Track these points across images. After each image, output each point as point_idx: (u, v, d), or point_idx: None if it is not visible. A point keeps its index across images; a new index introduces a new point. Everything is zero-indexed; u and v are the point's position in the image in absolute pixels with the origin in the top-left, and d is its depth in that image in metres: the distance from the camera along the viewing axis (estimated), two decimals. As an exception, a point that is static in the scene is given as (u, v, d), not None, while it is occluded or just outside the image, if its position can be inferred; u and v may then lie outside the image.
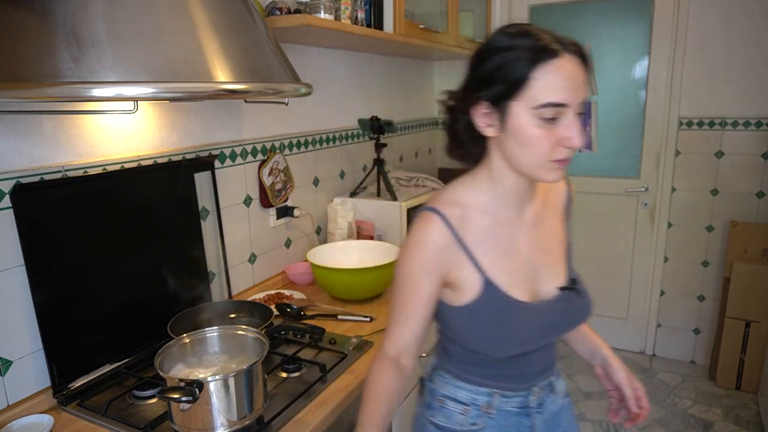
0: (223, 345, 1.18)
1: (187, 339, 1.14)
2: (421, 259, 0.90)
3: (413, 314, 0.93)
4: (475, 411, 1.00)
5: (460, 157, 0.99)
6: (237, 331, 1.17)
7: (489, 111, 0.85)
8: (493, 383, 1.00)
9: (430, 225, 0.90)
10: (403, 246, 0.93)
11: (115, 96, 0.80)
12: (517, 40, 0.81)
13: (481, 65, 0.84)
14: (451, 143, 0.98)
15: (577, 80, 0.81)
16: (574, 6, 2.92)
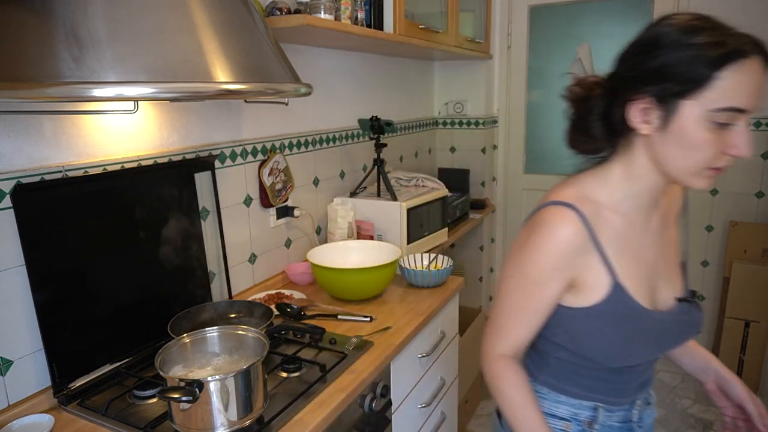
0: (223, 345, 1.18)
1: (187, 339, 1.14)
2: (553, 259, 0.84)
3: (537, 315, 0.88)
4: (577, 427, 0.95)
5: (588, 150, 0.95)
6: (237, 331, 1.18)
7: (650, 107, 0.78)
8: (598, 396, 0.94)
9: (565, 221, 0.83)
10: (528, 241, 0.86)
11: (116, 96, 0.80)
12: (697, 36, 0.73)
13: (650, 58, 0.77)
14: (581, 135, 0.94)
15: (761, 85, 0.75)
16: (574, 6, 2.93)
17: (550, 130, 3.15)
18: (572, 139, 0.96)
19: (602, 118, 0.86)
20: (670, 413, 2.55)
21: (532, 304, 0.88)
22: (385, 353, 1.35)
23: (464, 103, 3.12)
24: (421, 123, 3.04)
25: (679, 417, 2.52)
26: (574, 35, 2.96)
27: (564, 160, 3.46)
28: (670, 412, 2.56)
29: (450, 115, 3.18)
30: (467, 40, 2.63)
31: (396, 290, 1.76)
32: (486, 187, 3.21)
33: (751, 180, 2.70)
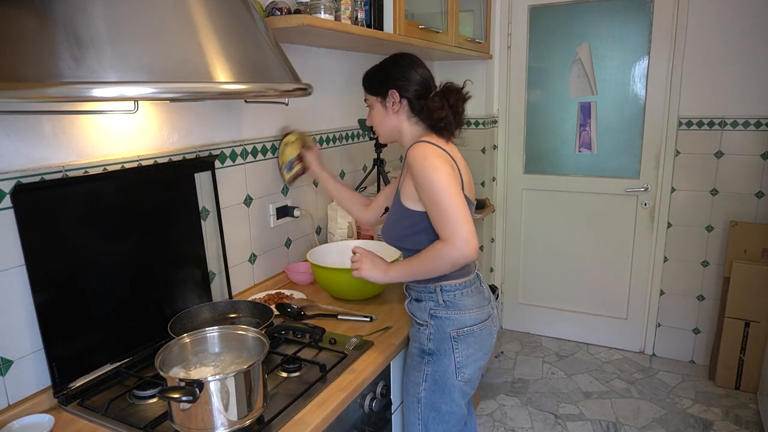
0: (223, 345, 1.18)
1: (187, 339, 1.14)
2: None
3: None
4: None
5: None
6: (237, 331, 1.18)
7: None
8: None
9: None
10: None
11: (116, 96, 0.80)
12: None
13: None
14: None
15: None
16: (574, 6, 2.93)
17: (550, 130, 3.15)
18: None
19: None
20: (670, 413, 2.55)
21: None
22: (385, 353, 1.35)
23: (464, 103, 3.11)
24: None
25: (679, 417, 2.52)
26: (574, 35, 2.96)
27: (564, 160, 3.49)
28: (669, 411, 2.56)
29: (450, 115, 3.17)
30: (467, 40, 2.63)
31: (396, 290, 1.77)
32: (486, 187, 3.21)
33: (751, 180, 2.71)
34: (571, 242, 3.21)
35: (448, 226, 1.21)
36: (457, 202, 1.21)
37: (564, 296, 3.30)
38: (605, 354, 3.15)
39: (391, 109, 1.36)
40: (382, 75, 1.37)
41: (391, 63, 1.38)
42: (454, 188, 1.23)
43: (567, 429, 2.46)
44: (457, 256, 1.22)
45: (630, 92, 2.91)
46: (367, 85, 1.40)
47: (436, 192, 1.22)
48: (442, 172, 1.22)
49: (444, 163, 1.25)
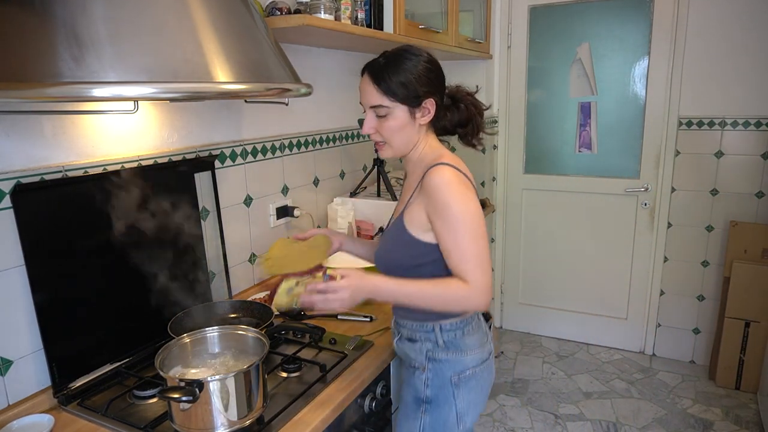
0: (223, 345, 1.18)
1: (187, 339, 1.14)
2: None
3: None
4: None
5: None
6: (237, 331, 1.17)
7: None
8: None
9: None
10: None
11: (115, 96, 0.80)
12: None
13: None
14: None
15: (364, 90, 1.15)
16: (574, 6, 2.93)
17: (550, 130, 3.15)
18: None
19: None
20: (670, 413, 2.55)
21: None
22: (385, 353, 1.35)
23: (464, 103, 3.11)
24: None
25: (679, 417, 2.52)
26: (574, 35, 2.96)
27: (564, 160, 3.49)
28: (669, 411, 2.56)
29: (450, 115, 3.17)
30: (467, 40, 2.63)
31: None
32: (486, 187, 3.21)
33: (751, 180, 2.70)
34: (571, 242, 3.21)
35: (468, 267, 1.08)
36: (482, 243, 1.09)
37: (564, 296, 3.30)
38: (605, 354, 3.15)
39: (419, 120, 1.16)
40: (419, 79, 1.12)
41: (430, 65, 1.15)
42: (482, 226, 1.10)
43: (567, 429, 2.46)
44: (474, 305, 1.10)
45: (630, 92, 2.90)
46: (392, 88, 1.11)
47: (462, 228, 1.07)
48: (470, 205, 1.09)
49: (472, 194, 1.12)
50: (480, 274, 1.08)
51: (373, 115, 1.15)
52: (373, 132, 1.17)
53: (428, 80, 1.14)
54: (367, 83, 1.14)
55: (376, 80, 1.12)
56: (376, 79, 1.12)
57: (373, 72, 1.13)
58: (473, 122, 1.23)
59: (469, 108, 1.22)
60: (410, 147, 1.19)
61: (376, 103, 1.13)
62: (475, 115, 1.23)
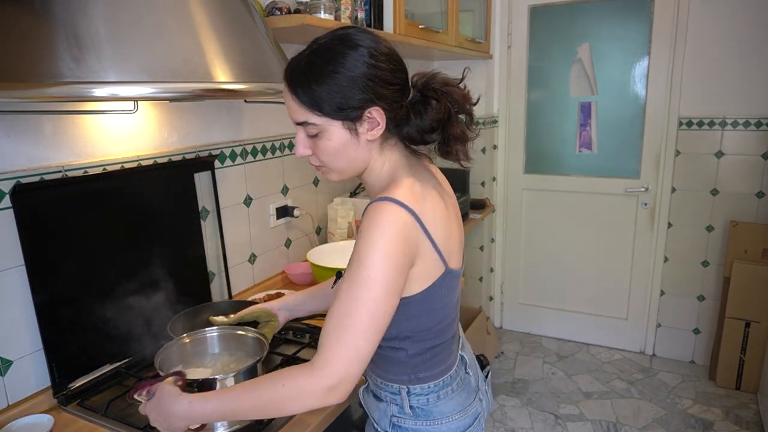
0: (223, 345, 1.18)
1: (187, 339, 1.14)
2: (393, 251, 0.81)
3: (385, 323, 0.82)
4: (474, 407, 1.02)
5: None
6: (237, 331, 1.17)
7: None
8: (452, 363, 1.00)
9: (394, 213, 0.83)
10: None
11: (115, 96, 0.80)
12: None
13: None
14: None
15: (288, 104, 0.86)
16: (574, 6, 2.93)
17: (550, 130, 3.15)
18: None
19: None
20: (670, 413, 2.55)
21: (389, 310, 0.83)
22: (385, 353, 1.35)
23: (464, 103, 3.11)
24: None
25: (679, 417, 2.52)
26: (574, 35, 2.96)
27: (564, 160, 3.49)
28: (670, 412, 2.56)
29: (450, 115, 3.17)
30: (467, 40, 2.63)
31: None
32: (486, 187, 3.21)
33: (751, 180, 2.70)
34: (571, 242, 3.21)
35: (331, 340, 0.79)
36: (370, 320, 0.79)
37: (564, 296, 3.30)
38: (605, 354, 3.15)
39: (365, 136, 0.86)
40: (354, 82, 0.82)
41: (375, 59, 0.83)
42: (385, 296, 0.80)
43: (567, 429, 2.45)
44: (315, 396, 0.79)
45: (630, 92, 2.90)
46: (316, 99, 0.83)
47: (355, 292, 0.80)
48: (387, 261, 0.80)
49: (405, 250, 0.82)
50: (337, 359, 0.78)
51: (303, 133, 0.87)
52: (309, 154, 0.89)
53: (371, 82, 0.82)
54: (287, 95, 0.85)
55: (294, 90, 0.84)
56: (295, 89, 0.84)
57: (291, 78, 0.84)
58: (449, 124, 0.88)
59: (444, 103, 0.86)
60: (361, 168, 0.91)
61: (300, 119, 0.85)
62: (452, 114, 0.88)
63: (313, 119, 0.84)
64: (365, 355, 0.80)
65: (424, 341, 0.94)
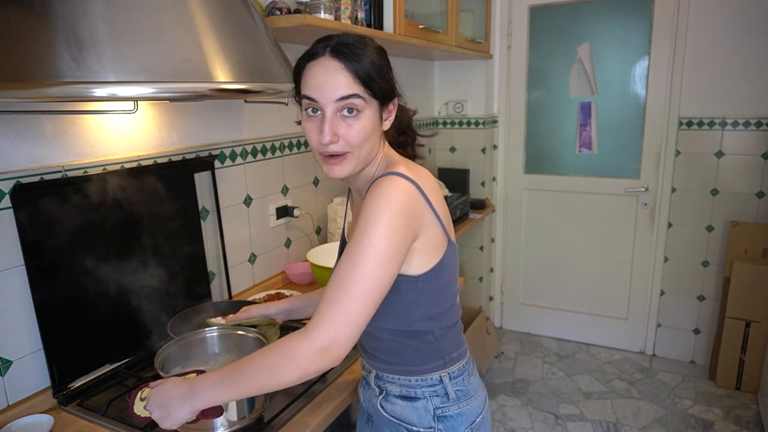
0: (223, 345, 1.17)
1: (187, 339, 1.14)
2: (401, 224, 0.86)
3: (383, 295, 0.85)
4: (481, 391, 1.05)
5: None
6: (237, 332, 1.17)
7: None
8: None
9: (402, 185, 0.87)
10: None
11: (115, 96, 0.80)
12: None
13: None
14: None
15: (326, 78, 0.85)
16: (574, 6, 2.92)
17: (550, 130, 3.15)
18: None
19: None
20: (670, 413, 2.55)
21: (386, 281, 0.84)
22: (385, 353, 1.35)
23: (464, 103, 3.12)
24: (421, 123, 3.04)
25: (679, 417, 2.52)
26: (575, 35, 2.96)
27: (564, 160, 3.49)
28: (670, 412, 2.56)
29: (450, 115, 3.18)
30: (467, 40, 2.63)
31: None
32: (486, 187, 3.21)
33: (751, 180, 2.70)
34: (571, 242, 3.21)
35: (326, 303, 0.81)
36: (368, 289, 0.81)
37: (564, 296, 3.30)
38: (605, 354, 3.15)
39: (383, 125, 0.94)
40: (389, 73, 0.92)
41: (387, 58, 0.93)
42: (385, 266, 0.82)
43: (567, 429, 2.45)
44: (305, 358, 0.79)
45: (630, 92, 2.90)
46: (371, 74, 0.87)
47: (357, 261, 0.82)
48: (391, 231, 0.82)
49: (410, 222, 0.85)
50: (328, 321, 0.80)
51: (335, 114, 0.86)
52: (337, 139, 0.87)
53: (392, 76, 0.92)
54: (336, 68, 0.85)
55: (350, 62, 0.85)
56: (351, 61, 0.85)
57: (342, 52, 0.85)
58: (410, 127, 1.04)
59: (400, 109, 0.99)
60: (372, 157, 0.95)
61: (347, 92, 0.85)
62: (409, 118, 1.04)
63: (363, 94, 0.86)
64: (357, 320, 0.81)
65: (446, 319, 0.98)
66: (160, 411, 0.86)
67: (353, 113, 0.87)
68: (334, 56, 0.85)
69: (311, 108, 0.88)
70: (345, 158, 0.90)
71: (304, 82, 0.89)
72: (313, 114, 0.89)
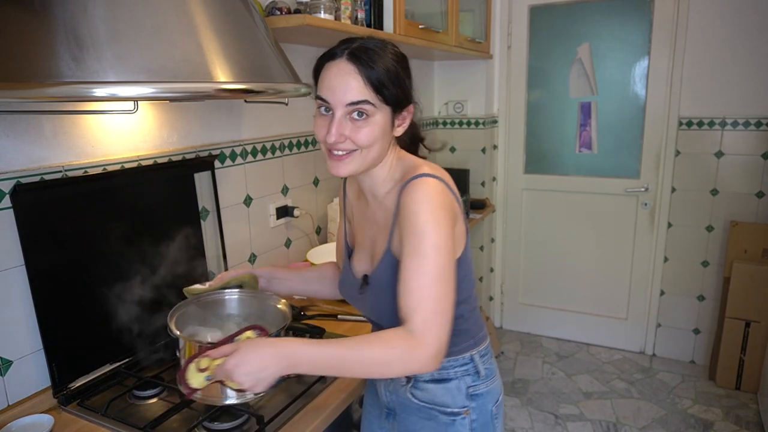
0: (242, 309, 1.12)
1: (205, 299, 1.11)
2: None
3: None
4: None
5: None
6: (259, 297, 1.13)
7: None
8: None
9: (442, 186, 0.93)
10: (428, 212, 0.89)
11: (115, 96, 0.80)
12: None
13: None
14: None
15: (340, 80, 0.89)
16: (574, 6, 2.93)
17: (550, 130, 3.15)
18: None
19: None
20: (670, 413, 2.55)
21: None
22: (385, 353, 1.35)
23: (464, 103, 3.12)
24: (421, 123, 3.04)
25: (679, 417, 2.52)
26: (575, 35, 2.96)
27: (564, 160, 3.49)
28: (670, 412, 2.56)
29: (450, 115, 3.18)
30: (467, 40, 2.63)
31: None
32: (486, 187, 3.21)
33: (751, 180, 2.70)
34: (571, 242, 3.21)
35: (421, 316, 0.83)
36: (445, 289, 0.86)
37: (564, 296, 3.30)
38: (605, 354, 3.15)
39: (394, 131, 0.97)
40: (407, 76, 0.95)
41: (406, 65, 0.96)
42: (451, 269, 0.88)
43: (567, 429, 2.45)
44: (416, 367, 0.83)
45: (630, 92, 2.90)
46: (384, 81, 0.89)
47: (430, 266, 0.85)
48: (447, 240, 0.88)
49: (452, 220, 0.91)
50: (434, 326, 0.83)
51: (345, 116, 0.90)
52: (343, 140, 0.91)
53: (410, 83, 0.96)
54: (349, 71, 0.88)
55: (364, 68, 0.88)
56: (365, 67, 0.88)
57: (359, 57, 0.88)
58: (417, 133, 1.09)
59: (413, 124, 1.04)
60: (381, 159, 0.97)
61: (357, 98, 0.88)
62: (420, 135, 1.11)
63: (374, 100, 0.89)
64: (450, 319, 0.86)
65: (471, 302, 1.04)
66: (251, 380, 0.81)
67: (363, 117, 0.90)
68: (350, 60, 0.88)
69: (324, 107, 0.93)
70: (350, 156, 0.92)
71: (320, 82, 0.93)
72: (325, 112, 0.93)
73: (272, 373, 0.82)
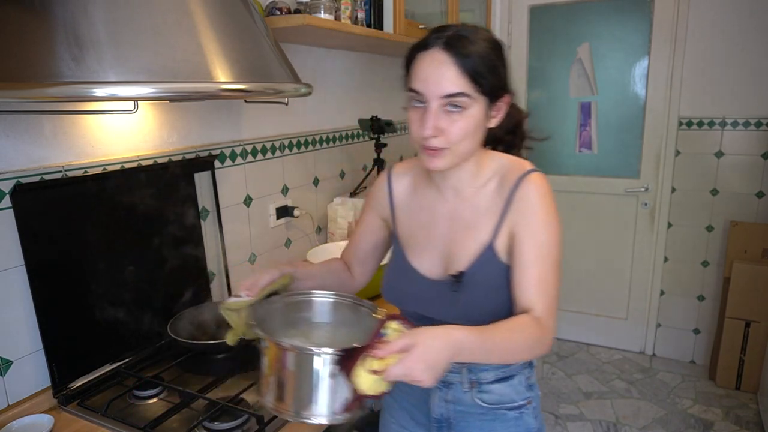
0: (335, 316, 1.01)
1: (293, 298, 0.99)
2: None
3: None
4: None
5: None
6: (355, 303, 1.01)
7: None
8: None
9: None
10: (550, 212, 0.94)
11: (115, 96, 0.80)
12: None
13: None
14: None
15: (435, 71, 0.84)
16: (574, 6, 2.93)
17: (550, 130, 3.15)
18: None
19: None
20: (670, 413, 2.55)
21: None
22: (385, 353, 1.35)
23: (464, 103, 3.11)
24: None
25: (679, 417, 2.52)
26: (575, 35, 2.96)
27: (564, 159, 3.48)
28: (670, 412, 2.56)
29: (450, 115, 3.17)
30: (467, 40, 2.63)
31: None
32: (486, 187, 3.20)
33: (751, 180, 2.70)
34: (571, 242, 3.21)
35: (546, 306, 0.89)
36: (559, 276, 0.94)
37: (564, 296, 3.30)
38: (605, 354, 3.15)
39: (489, 123, 0.93)
40: (501, 68, 0.89)
41: (501, 51, 0.90)
42: (561, 253, 0.96)
43: (567, 429, 2.45)
44: (542, 352, 0.89)
45: (630, 92, 2.90)
46: (481, 71, 0.84)
47: (551, 258, 0.92)
48: (559, 223, 0.96)
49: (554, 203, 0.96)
50: (554, 313, 0.90)
51: (439, 109, 0.85)
52: (439, 133, 0.86)
53: (506, 72, 0.90)
54: (443, 61, 0.83)
55: (459, 57, 0.83)
56: (460, 57, 0.83)
57: (454, 46, 0.83)
58: (520, 128, 1.09)
59: (512, 108, 1.00)
60: (473, 153, 0.94)
61: (453, 90, 0.83)
62: (522, 119, 1.09)
63: (470, 91, 0.85)
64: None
65: None
66: (431, 375, 0.74)
67: (458, 109, 0.86)
68: (444, 49, 0.84)
69: (416, 100, 0.88)
70: (443, 153, 0.89)
71: (412, 73, 0.88)
72: (418, 105, 0.88)
73: (444, 366, 0.75)
